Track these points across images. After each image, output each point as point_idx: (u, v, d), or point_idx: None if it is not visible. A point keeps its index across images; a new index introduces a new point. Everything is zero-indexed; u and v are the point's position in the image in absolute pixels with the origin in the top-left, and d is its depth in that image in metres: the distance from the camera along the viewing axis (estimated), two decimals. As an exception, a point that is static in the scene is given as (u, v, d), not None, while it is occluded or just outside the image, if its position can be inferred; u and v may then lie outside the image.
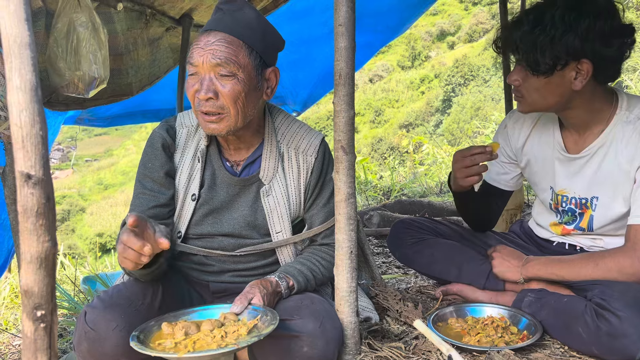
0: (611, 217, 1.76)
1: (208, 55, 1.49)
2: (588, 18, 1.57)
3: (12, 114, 0.71)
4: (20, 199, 0.72)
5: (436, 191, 5.59)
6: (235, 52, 1.51)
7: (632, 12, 15.19)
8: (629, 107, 1.71)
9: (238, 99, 1.52)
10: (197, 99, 1.52)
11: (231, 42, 1.51)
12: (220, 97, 1.51)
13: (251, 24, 1.55)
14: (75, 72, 2.22)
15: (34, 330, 0.75)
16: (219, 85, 1.50)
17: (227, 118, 1.53)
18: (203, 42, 1.51)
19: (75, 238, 26.76)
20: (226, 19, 1.53)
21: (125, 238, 1.29)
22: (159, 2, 2.75)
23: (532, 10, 1.67)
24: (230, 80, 1.50)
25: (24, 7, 0.71)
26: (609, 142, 1.73)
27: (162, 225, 1.65)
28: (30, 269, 0.73)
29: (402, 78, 43.57)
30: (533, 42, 1.62)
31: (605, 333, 1.50)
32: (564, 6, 1.60)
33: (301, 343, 1.39)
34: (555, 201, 1.91)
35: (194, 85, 1.53)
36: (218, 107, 1.51)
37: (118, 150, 45.74)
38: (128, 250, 1.29)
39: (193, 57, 1.52)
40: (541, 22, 1.61)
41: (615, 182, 1.72)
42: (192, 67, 1.53)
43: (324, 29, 3.95)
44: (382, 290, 2.01)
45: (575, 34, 1.58)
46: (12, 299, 3.86)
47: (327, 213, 1.72)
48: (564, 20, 1.58)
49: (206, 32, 1.53)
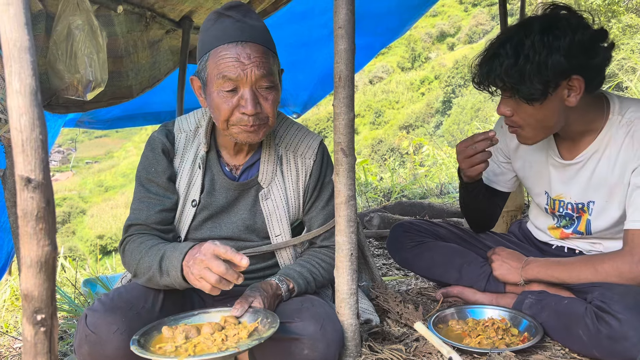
0: (608, 221, 1.76)
1: (253, 68, 1.45)
2: (566, 35, 1.56)
3: (12, 118, 0.71)
4: (20, 203, 0.72)
5: (436, 192, 5.59)
6: (271, 62, 1.50)
7: (631, 16, 15.14)
8: (621, 110, 1.71)
9: (276, 108, 1.54)
10: (239, 115, 1.49)
11: (265, 52, 1.49)
12: (263, 109, 1.51)
13: (264, 29, 1.54)
14: (75, 75, 2.22)
15: (34, 334, 0.75)
16: (261, 98, 1.50)
17: (266, 126, 1.54)
18: (241, 55, 1.45)
19: (75, 240, 26.76)
20: (246, 28, 1.49)
21: (224, 270, 1.29)
22: (158, 4, 2.75)
23: (506, 41, 1.62)
24: (271, 91, 1.51)
25: (24, 11, 0.71)
26: (603, 147, 1.73)
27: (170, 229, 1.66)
28: (31, 273, 0.73)
29: (402, 79, 43.61)
30: (520, 73, 1.58)
31: (605, 336, 1.50)
32: (539, 29, 1.57)
33: (302, 346, 1.39)
34: (552, 206, 1.91)
35: (230, 101, 1.48)
36: (260, 119, 1.51)
37: (118, 152, 45.78)
38: (224, 281, 1.31)
39: (232, 72, 1.45)
40: (521, 51, 1.58)
41: (610, 186, 1.72)
42: (229, 82, 1.46)
43: (324, 31, 3.96)
44: (382, 292, 2.00)
45: (559, 54, 1.56)
46: (13, 301, 3.86)
47: (326, 215, 1.72)
48: (544, 43, 1.56)
49: (236, 43, 1.46)
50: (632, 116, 1.68)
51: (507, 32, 1.67)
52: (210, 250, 1.32)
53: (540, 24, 1.59)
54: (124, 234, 1.63)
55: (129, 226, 1.63)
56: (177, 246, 1.45)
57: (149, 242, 1.54)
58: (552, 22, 1.59)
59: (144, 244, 1.54)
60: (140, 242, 1.56)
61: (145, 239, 1.56)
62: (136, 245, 1.55)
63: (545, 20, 1.60)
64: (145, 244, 1.54)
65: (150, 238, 1.57)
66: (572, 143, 1.80)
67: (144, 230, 1.61)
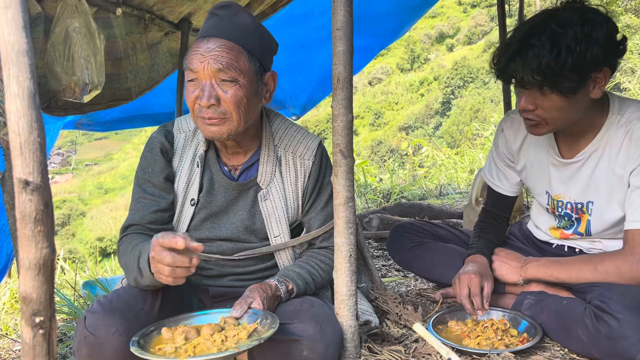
0: (608, 221, 1.76)
1: (210, 60, 1.48)
2: (602, 26, 1.55)
3: (10, 121, 0.71)
4: (19, 206, 0.72)
5: (436, 194, 5.59)
6: (236, 57, 1.50)
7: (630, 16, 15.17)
8: (620, 110, 1.70)
9: (240, 105, 1.52)
10: (198, 105, 1.51)
11: (232, 48, 1.50)
12: (222, 103, 1.51)
13: (249, 29, 1.55)
14: (72, 77, 2.22)
15: (33, 336, 0.75)
16: (220, 91, 1.50)
17: (230, 122, 1.53)
18: (203, 48, 1.50)
19: (75, 242, 26.74)
20: (224, 25, 1.52)
21: (171, 260, 1.29)
22: (157, 7, 2.75)
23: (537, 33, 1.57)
24: (232, 86, 1.50)
25: (22, 14, 0.71)
26: (602, 146, 1.72)
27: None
28: (29, 275, 0.74)
29: (401, 81, 43.65)
30: (561, 65, 1.53)
31: (604, 336, 1.50)
32: (579, 20, 1.54)
33: (301, 347, 1.39)
34: (552, 206, 1.90)
35: (193, 92, 1.52)
36: (220, 112, 1.51)
37: (118, 154, 45.77)
38: (178, 269, 1.30)
39: (193, 63, 1.50)
40: (562, 42, 1.53)
41: (610, 186, 1.72)
42: (191, 73, 1.51)
43: (323, 33, 3.96)
44: (381, 294, 2.00)
45: (597, 45, 1.54)
46: (12, 304, 3.86)
47: (325, 216, 1.72)
48: (585, 34, 1.53)
49: (205, 38, 1.52)
50: (631, 117, 1.68)
51: (532, 23, 1.62)
52: (156, 243, 1.31)
53: (579, 15, 1.56)
54: (121, 234, 1.65)
55: (126, 227, 1.65)
56: (147, 246, 1.43)
57: (134, 242, 1.54)
58: (589, 13, 1.57)
59: (130, 244, 1.54)
60: (128, 243, 1.57)
61: (133, 239, 1.57)
62: (125, 247, 1.57)
63: (581, 11, 1.57)
64: (131, 244, 1.54)
65: (137, 238, 1.57)
66: (572, 141, 1.80)
67: (139, 230, 1.63)
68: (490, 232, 2.04)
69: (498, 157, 2.04)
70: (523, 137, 1.94)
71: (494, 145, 2.06)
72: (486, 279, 1.83)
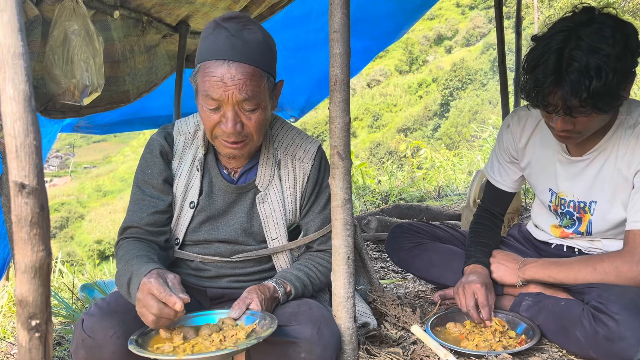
0: (610, 222, 1.76)
1: (234, 91, 1.45)
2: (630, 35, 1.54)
3: (6, 124, 0.71)
4: (15, 209, 0.72)
5: (434, 195, 5.60)
6: (258, 83, 1.49)
7: (627, 17, 15.26)
8: (629, 111, 1.71)
9: (262, 126, 1.54)
10: (222, 131, 1.51)
11: (253, 73, 1.47)
12: (246, 127, 1.51)
13: (261, 44, 1.51)
14: (71, 80, 2.22)
15: (29, 339, 0.75)
16: (244, 118, 1.50)
17: (251, 143, 1.56)
18: (225, 76, 1.44)
19: (73, 245, 26.71)
20: (238, 45, 1.47)
21: (157, 311, 1.29)
22: (155, 9, 2.75)
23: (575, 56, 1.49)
24: (255, 112, 1.51)
25: (18, 17, 0.71)
26: (610, 146, 1.72)
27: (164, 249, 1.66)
28: (25, 279, 0.73)
29: (399, 82, 43.71)
30: (609, 88, 1.48)
31: (602, 337, 1.50)
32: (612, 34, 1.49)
33: (299, 349, 1.39)
34: (555, 203, 1.90)
35: (214, 117, 1.50)
36: (243, 136, 1.52)
37: (116, 156, 45.75)
38: (162, 320, 1.31)
39: (215, 92, 1.45)
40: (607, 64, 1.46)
41: (615, 186, 1.72)
42: (212, 101, 1.47)
43: (321, 35, 3.96)
44: (380, 296, 2.01)
45: (631, 56, 1.53)
46: (10, 307, 3.85)
47: (323, 220, 1.72)
48: (622, 49, 1.49)
49: (223, 62, 1.45)
50: (639, 118, 1.68)
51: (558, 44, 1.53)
52: (146, 289, 1.32)
53: (613, 29, 1.51)
54: (119, 236, 1.65)
55: (124, 229, 1.65)
56: (139, 270, 1.42)
57: (131, 252, 1.53)
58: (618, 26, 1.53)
59: (126, 254, 1.53)
60: (126, 250, 1.55)
61: (131, 247, 1.56)
62: (123, 252, 1.56)
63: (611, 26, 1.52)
64: (127, 254, 1.53)
65: (133, 247, 1.56)
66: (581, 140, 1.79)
67: (137, 233, 1.62)
68: (486, 236, 2.04)
69: (501, 153, 2.04)
70: (529, 134, 1.93)
71: (497, 141, 2.06)
72: (490, 290, 1.83)
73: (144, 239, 1.62)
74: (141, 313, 1.33)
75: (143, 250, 1.56)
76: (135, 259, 1.49)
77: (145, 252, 1.54)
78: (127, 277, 1.44)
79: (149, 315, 1.31)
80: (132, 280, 1.42)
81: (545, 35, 1.59)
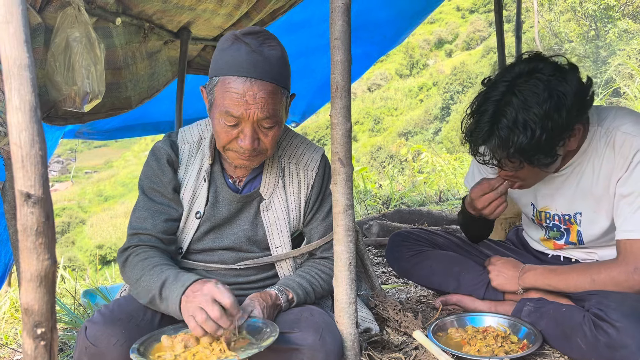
0: (598, 230, 1.77)
1: (256, 110, 1.46)
2: (567, 93, 1.52)
3: (12, 134, 0.72)
4: (20, 218, 0.73)
5: (435, 200, 5.59)
6: (278, 100, 1.50)
7: (627, 21, 15.20)
8: (599, 120, 1.71)
9: (276, 141, 1.57)
10: (237, 145, 1.52)
11: (273, 91, 1.48)
12: (262, 143, 1.53)
13: (279, 60, 1.51)
14: (72, 87, 2.23)
15: (34, 348, 0.75)
16: (261, 134, 1.52)
17: (263, 155, 1.58)
18: (247, 93, 1.44)
19: (75, 250, 26.69)
20: (260, 62, 1.46)
21: (218, 315, 1.29)
22: (157, 16, 2.76)
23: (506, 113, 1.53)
24: (273, 129, 1.52)
25: (24, 29, 0.72)
26: (587, 158, 1.73)
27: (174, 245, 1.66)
28: (30, 287, 0.74)
29: (400, 86, 43.73)
30: (537, 145, 1.52)
31: (604, 344, 1.50)
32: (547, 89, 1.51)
33: (301, 356, 1.39)
34: (538, 217, 1.91)
35: (231, 133, 1.50)
36: (258, 151, 1.54)
37: (118, 161, 45.78)
38: (210, 323, 1.29)
39: (236, 110, 1.45)
40: (536, 122, 1.49)
41: (596, 197, 1.73)
42: (232, 118, 1.47)
43: (322, 40, 3.97)
44: (381, 301, 2.01)
45: (567, 113, 1.52)
46: (12, 313, 3.85)
47: (326, 227, 1.73)
48: (554, 105, 1.50)
49: (245, 79, 1.45)
50: (609, 126, 1.69)
51: (494, 97, 1.57)
52: (211, 294, 1.31)
53: (544, 84, 1.51)
54: (128, 243, 1.61)
55: (134, 235, 1.61)
56: (180, 276, 1.43)
57: (152, 260, 1.52)
58: (553, 82, 1.53)
59: (148, 261, 1.52)
60: (144, 257, 1.54)
61: (150, 254, 1.55)
62: (139, 259, 1.53)
63: (547, 82, 1.52)
64: (149, 261, 1.52)
65: (154, 255, 1.55)
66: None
67: (149, 240, 1.59)
68: None
69: (479, 168, 2.04)
70: None
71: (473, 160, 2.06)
72: None
73: (159, 248, 1.60)
74: (193, 314, 1.30)
75: (168, 259, 1.57)
76: (164, 267, 1.49)
77: (172, 262, 1.57)
78: (159, 280, 1.44)
79: (201, 316, 1.29)
80: (167, 283, 1.42)
81: (492, 81, 1.63)
